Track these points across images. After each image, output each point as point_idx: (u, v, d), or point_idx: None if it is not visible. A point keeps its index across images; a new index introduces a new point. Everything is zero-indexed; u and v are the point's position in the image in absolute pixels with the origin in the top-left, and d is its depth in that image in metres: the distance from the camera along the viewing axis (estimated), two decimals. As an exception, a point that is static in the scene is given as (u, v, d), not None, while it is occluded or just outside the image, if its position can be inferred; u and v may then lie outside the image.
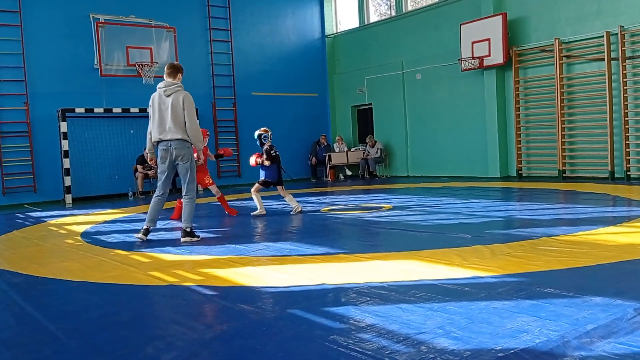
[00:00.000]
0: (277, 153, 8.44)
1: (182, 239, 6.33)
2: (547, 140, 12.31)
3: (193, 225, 6.50)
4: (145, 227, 6.53)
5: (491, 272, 4.10)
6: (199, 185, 8.93)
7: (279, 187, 8.53)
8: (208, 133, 8.86)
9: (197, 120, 6.63)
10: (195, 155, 6.67)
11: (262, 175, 8.48)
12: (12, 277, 4.93)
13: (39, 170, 12.65)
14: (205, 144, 8.38)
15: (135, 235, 6.67)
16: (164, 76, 6.41)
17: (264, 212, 8.40)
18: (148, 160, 6.73)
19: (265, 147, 8.36)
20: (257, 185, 8.54)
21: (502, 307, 3.27)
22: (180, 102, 6.20)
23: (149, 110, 6.43)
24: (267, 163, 8.29)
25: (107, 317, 3.58)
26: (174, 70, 6.37)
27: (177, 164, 6.34)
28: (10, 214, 10.50)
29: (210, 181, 8.76)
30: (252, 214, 8.47)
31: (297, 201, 8.72)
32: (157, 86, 6.39)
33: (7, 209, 11.62)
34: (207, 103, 14.87)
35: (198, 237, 6.43)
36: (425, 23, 14.61)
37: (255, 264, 4.91)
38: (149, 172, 12.96)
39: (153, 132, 6.36)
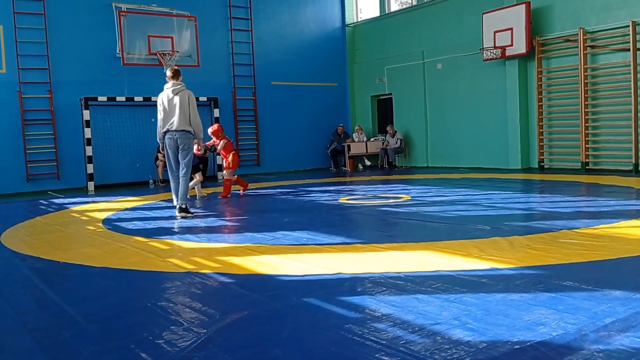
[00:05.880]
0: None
1: (178, 214, 7.35)
2: (570, 131, 12.11)
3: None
4: (182, 205, 7.40)
5: (509, 264, 4.06)
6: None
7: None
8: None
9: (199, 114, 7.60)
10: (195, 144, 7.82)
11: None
12: (34, 262, 5.03)
13: (62, 157, 12.83)
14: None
15: (180, 215, 7.39)
16: (168, 79, 7.48)
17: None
18: (161, 149, 7.73)
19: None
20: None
21: (519, 299, 3.24)
22: (186, 99, 7.31)
23: (159, 107, 7.44)
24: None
25: (126, 303, 3.64)
26: (177, 73, 7.49)
27: (180, 150, 7.35)
28: (34, 201, 10.69)
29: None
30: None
31: (318, 191, 8.76)
32: (165, 87, 7.45)
33: (30, 195, 11.83)
34: (227, 92, 14.92)
35: (192, 213, 7.44)
36: (447, 12, 14.43)
37: (272, 252, 4.93)
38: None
39: (162, 125, 7.39)
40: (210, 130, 9.81)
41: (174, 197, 7.60)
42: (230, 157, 9.65)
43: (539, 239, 4.95)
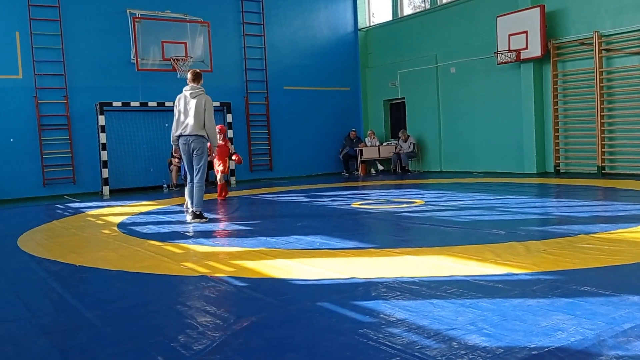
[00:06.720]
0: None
1: (192, 220, 7.27)
2: (586, 135, 12.00)
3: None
4: (197, 212, 7.30)
5: (526, 270, 4.03)
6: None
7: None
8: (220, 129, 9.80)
9: (214, 120, 7.46)
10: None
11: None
12: (51, 265, 5.07)
13: (78, 162, 12.96)
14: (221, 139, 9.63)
15: (192, 220, 7.30)
16: (188, 81, 7.35)
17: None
18: (173, 151, 7.61)
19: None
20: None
21: (536, 304, 3.21)
22: (203, 104, 7.16)
23: (175, 109, 7.33)
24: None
25: (141, 306, 3.66)
26: (197, 76, 7.36)
27: (194, 155, 7.24)
28: (51, 205, 10.80)
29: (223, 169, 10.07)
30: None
31: (330, 195, 8.79)
32: (183, 89, 7.31)
33: (47, 199, 11.96)
34: (240, 97, 14.98)
35: (206, 218, 7.34)
36: (461, 15, 14.38)
37: (286, 256, 4.93)
38: (183, 165, 13.16)
39: (176, 128, 7.29)
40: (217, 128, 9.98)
41: (187, 200, 7.56)
42: (227, 163, 10.09)
43: (556, 243, 4.90)
